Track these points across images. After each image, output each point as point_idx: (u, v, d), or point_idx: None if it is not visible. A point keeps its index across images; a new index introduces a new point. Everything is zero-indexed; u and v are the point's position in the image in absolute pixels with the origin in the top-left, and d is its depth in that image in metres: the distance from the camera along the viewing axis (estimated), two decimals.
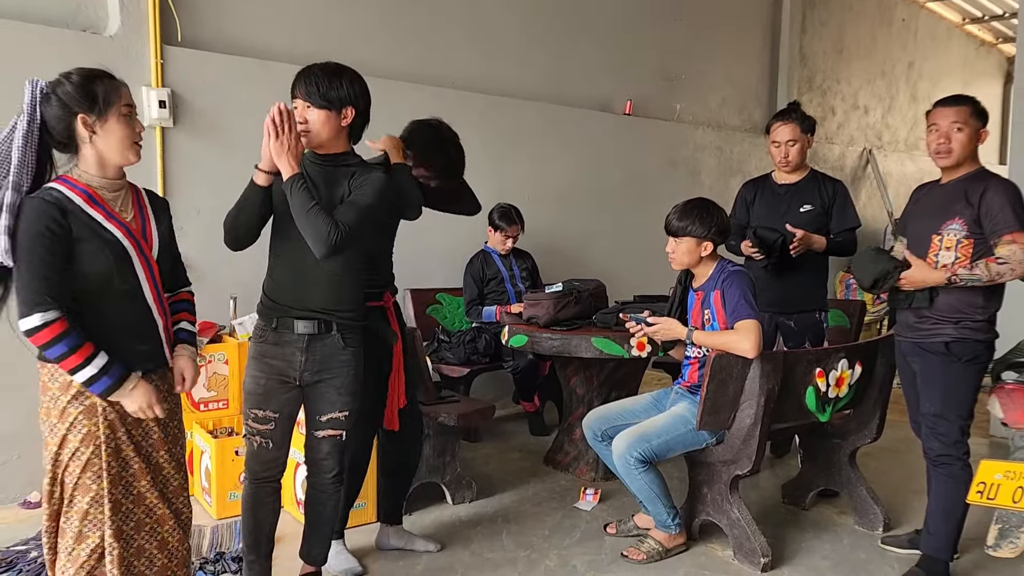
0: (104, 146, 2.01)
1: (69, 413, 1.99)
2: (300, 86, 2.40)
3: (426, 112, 4.86)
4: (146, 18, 3.79)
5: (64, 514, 2.01)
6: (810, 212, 3.72)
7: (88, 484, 1.99)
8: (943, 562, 2.89)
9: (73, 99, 1.97)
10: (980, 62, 10.61)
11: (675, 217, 3.11)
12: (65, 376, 1.97)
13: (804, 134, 3.71)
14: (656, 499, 3.08)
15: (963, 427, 2.84)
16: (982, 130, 2.83)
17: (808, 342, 3.72)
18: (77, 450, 1.99)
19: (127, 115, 2.04)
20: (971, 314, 2.80)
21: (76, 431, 1.99)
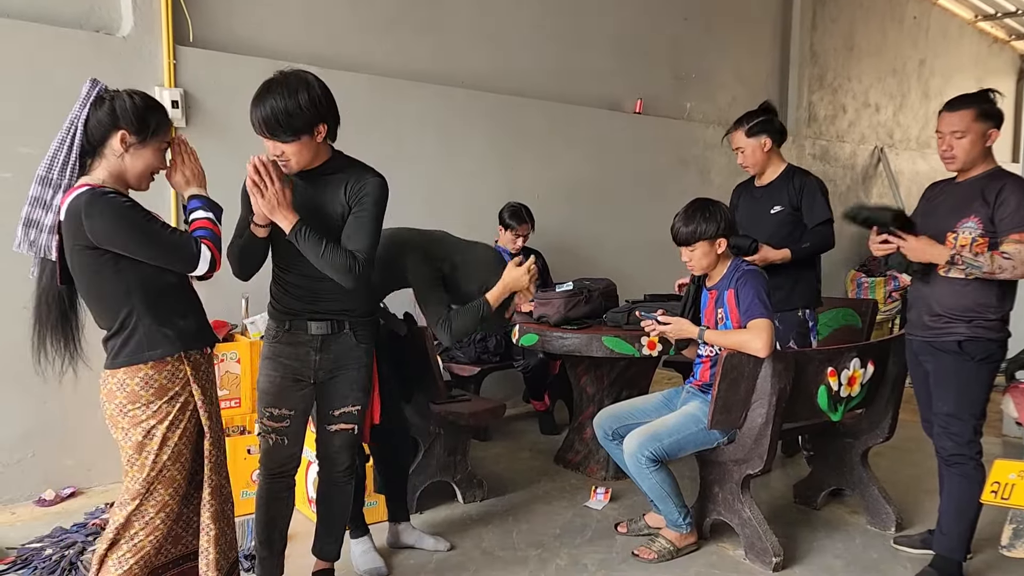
0: (130, 166, 2.07)
1: (166, 412, 2.05)
2: (261, 128, 2.32)
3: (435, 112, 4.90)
4: (158, 19, 3.81)
5: (140, 506, 2.06)
6: (779, 214, 3.67)
7: (174, 476, 2.08)
8: (956, 562, 2.88)
9: (127, 116, 2.03)
10: (992, 59, 10.54)
11: (681, 226, 3.08)
12: (161, 380, 2.04)
13: (751, 139, 3.65)
14: (667, 498, 3.08)
15: (976, 426, 2.83)
16: (991, 131, 2.81)
17: (792, 342, 3.68)
18: (176, 446, 2.06)
19: (163, 151, 2.14)
20: (984, 313, 2.78)
21: (175, 427, 2.06)
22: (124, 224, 1.97)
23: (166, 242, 2.02)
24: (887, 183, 8.79)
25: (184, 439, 2.08)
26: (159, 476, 2.06)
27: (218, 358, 3.70)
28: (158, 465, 2.05)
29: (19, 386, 3.55)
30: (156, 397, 2.03)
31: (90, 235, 1.96)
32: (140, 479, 2.05)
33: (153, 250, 2.01)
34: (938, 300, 2.86)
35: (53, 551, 3.02)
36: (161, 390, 2.04)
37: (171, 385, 2.05)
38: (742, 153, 3.71)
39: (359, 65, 4.54)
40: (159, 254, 2.02)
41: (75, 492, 3.72)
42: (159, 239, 2.02)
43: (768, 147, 3.67)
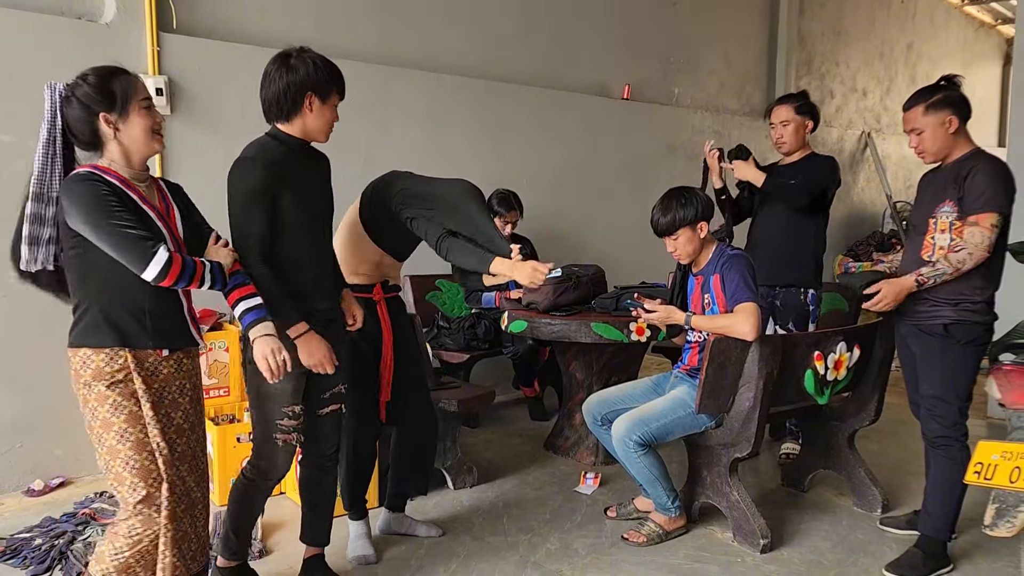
0: (128, 140, 2.08)
1: (108, 396, 2.05)
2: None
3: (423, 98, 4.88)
4: (141, 5, 3.77)
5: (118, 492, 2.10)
6: (796, 183, 3.73)
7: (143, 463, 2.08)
8: (941, 542, 2.92)
9: (93, 99, 2.03)
10: (979, 44, 10.58)
11: (660, 216, 3.09)
12: (98, 363, 2.04)
13: (799, 116, 3.76)
14: (656, 482, 3.10)
15: (962, 409, 2.86)
16: (948, 119, 2.82)
17: (793, 324, 3.72)
18: (125, 430, 2.06)
19: (147, 107, 2.11)
20: (970, 295, 2.81)
21: (119, 412, 2.05)
22: (88, 211, 1.97)
23: (119, 236, 1.98)
24: (874, 168, 8.83)
25: (133, 424, 2.06)
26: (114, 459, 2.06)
27: (207, 347, 3.70)
28: (107, 449, 2.06)
29: (6, 376, 3.53)
30: (94, 379, 2.04)
31: (65, 212, 2.00)
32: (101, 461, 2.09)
33: (105, 241, 1.99)
34: None
35: (43, 541, 3.01)
36: (98, 372, 2.04)
37: (108, 369, 2.05)
38: (783, 127, 3.80)
39: (345, 52, 4.51)
40: (110, 247, 1.99)
41: (64, 482, 3.71)
42: (113, 232, 1.98)
43: (809, 128, 3.82)
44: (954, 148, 2.87)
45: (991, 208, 2.72)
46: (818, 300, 3.84)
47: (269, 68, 2.40)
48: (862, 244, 8.27)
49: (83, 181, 2.00)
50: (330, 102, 2.43)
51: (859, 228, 8.62)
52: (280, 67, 2.37)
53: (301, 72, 2.35)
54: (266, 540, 3.11)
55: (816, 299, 3.82)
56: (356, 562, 2.97)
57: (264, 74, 2.41)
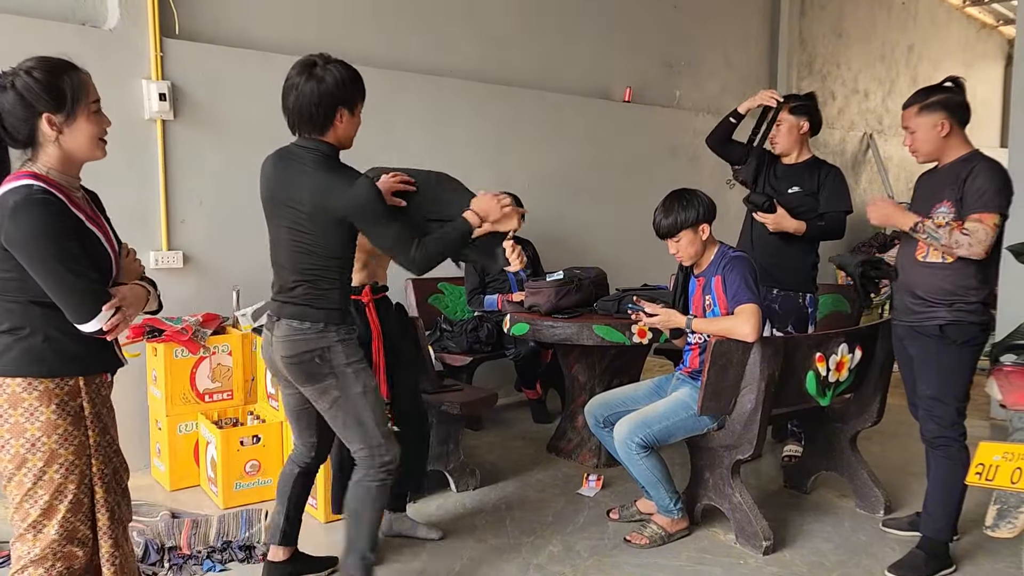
0: (71, 145, 1.88)
1: (58, 425, 1.86)
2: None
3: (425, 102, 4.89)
4: (145, 11, 3.79)
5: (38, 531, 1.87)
6: (796, 194, 3.78)
7: (71, 490, 1.89)
8: (943, 543, 2.92)
9: (38, 97, 1.81)
10: (980, 44, 10.58)
11: (662, 219, 3.11)
12: (46, 384, 1.85)
13: (792, 116, 3.77)
14: (658, 484, 3.11)
15: (959, 409, 2.87)
16: (941, 122, 2.83)
17: (791, 327, 3.73)
18: (71, 462, 1.88)
19: (96, 111, 1.91)
20: (965, 296, 2.81)
21: (68, 443, 1.87)
22: (37, 244, 1.78)
23: (73, 282, 1.81)
24: (876, 169, 8.83)
25: (78, 455, 1.89)
26: (51, 493, 1.85)
27: (210, 351, 3.71)
28: (51, 484, 1.85)
29: None
30: (40, 403, 1.84)
31: (4, 237, 1.78)
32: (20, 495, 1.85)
33: (54, 284, 1.81)
34: (920, 285, 2.89)
35: None
36: (45, 397, 1.84)
37: (57, 392, 1.86)
38: (777, 127, 3.80)
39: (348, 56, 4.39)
40: (57, 290, 1.81)
41: None
42: (61, 277, 1.80)
43: (804, 130, 3.81)
44: (947, 150, 2.87)
45: (993, 208, 2.73)
46: (815, 303, 3.85)
47: (294, 79, 2.35)
48: (864, 245, 8.26)
49: (35, 205, 1.77)
50: (358, 111, 2.47)
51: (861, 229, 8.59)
52: (307, 78, 2.33)
53: (329, 84, 2.33)
54: None
55: (814, 302, 3.83)
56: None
57: (289, 85, 2.36)
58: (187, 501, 3.55)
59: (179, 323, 3.65)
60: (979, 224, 2.71)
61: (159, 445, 3.75)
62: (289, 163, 2.41)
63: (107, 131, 1.98)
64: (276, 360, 2.48)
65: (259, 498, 3.49)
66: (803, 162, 3.83)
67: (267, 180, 2.47)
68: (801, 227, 3.70)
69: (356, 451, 2.54)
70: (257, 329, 3.76)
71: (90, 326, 1.84)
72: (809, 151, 3.87)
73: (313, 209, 2.34)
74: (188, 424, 3.69)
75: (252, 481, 3.50)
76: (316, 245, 2.39)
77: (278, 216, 2.44)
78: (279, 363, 2.47)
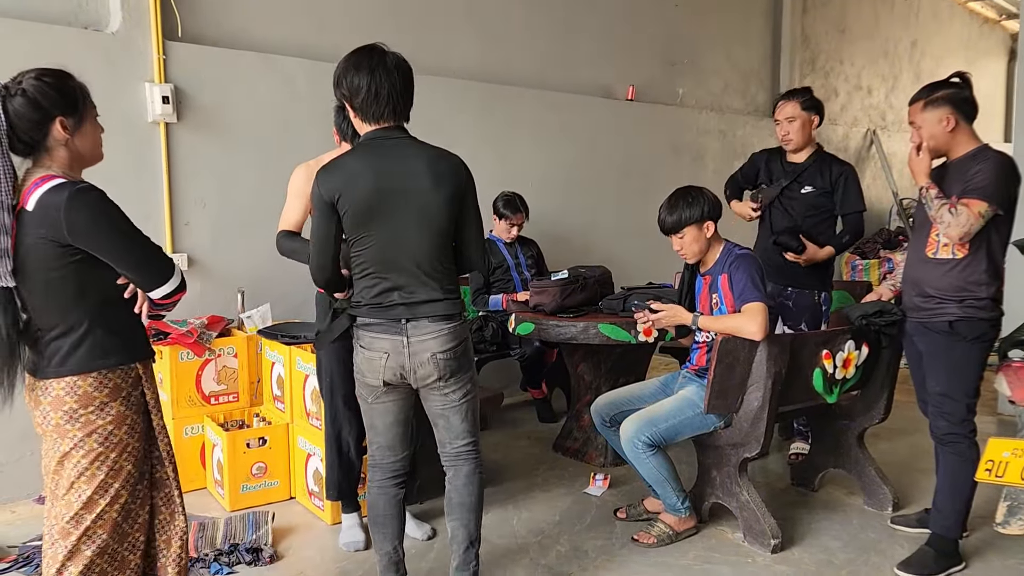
0: (82, 147, 1.96)
1: (126, 416, 1.96)
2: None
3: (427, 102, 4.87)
4: (147, 14, 3.79)
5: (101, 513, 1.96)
6: (809, 195, 3.78)
7: (133, 474, 2.00)
8: (952, 540, 2.91)
9: (54, 101, 1.88)
10: (983, 40, 10.54)
11: (666, 215, 3.11)
12: (116, 380, 1.94)
13: (805, 111, 3.75)
14: (665, 483, 3.10)
15: (969, 405, 2.85)
16: (946, 117, 2.82)
17: (804, 324, 3.73)
18: (135, 448, 1.99)
19: (96, 117, 2.01)
20: (974, 292, 2.80)
21: (134, 431, 1.98)
22: (108, 221, 1.89)
23: (148, 247, 1.96)
24: (880, 165, 8.81)
25: (140, 441, 2.01)
26: (121, 481, 1.96)
27: (215, 353, 3.71)
28: (120, 473, 1.95)
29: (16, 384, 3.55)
30: (111, 398, 1.93)
31: (67, 229, 1.83)
32: (91, 489, 1.93)
33: (132, 254, 1.92)
34: (929, 281, 2.88)
35: None
36: (115, 390, 1.94)
37: (124, 385, 1.96)
38: (789, 123, 3.78)
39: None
40: (136, 259, 1.93)
41: None
42: (141, 242, 1.95)
43: (815, 124, 3.80)
44: (954, 145, 2.86)
45: (982, 196, 2.70)
46: (830, 301, 3.85)
47: (388, 61, 2.31)
48: (869, 242, 8.24)
49: (87, 192, 1.87)
50: None
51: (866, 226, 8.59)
52: (397, 61, 2.33)
53: (406, 68, 2.36)
54: (276, 545, 3.12)
55: (828, 300, 3.83)
56: (347, 548, 3.07)
57: (383, 69, 2.29)
58: (193, 504, 3.52)
59: (184, 326, 3.66)
60: (964, 208, 2.70)
61: None
62: (399, 149, 2.33)
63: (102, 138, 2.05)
64: (422, 362, 2.36)
65: (265, 500, 3.50)
66: (812, 158, 3.81)
67: (379, 175, 2.29)
68: (831, 252, 3.74)
69: (465, 443, 2.54)
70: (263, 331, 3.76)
71: (167, 287, 1.97)
72: (815, 143, 3.87)
73: (451, 193, 2.33)
74: (194, 427, 3.69)
75: (259, 483, 3.50)
76: (448, 234, 2.36)
77: (404, 212, 2.30)
78: (428, 361, 2.34)
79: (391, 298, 2.34)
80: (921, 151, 2.87)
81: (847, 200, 3.77)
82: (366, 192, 2.27)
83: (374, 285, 2.35)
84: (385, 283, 2.34)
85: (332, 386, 3.06)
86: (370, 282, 2.35)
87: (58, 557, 1.94)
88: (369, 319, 2.37)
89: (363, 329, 2.39)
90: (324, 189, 2.29)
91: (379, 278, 2.34)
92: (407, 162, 2.31)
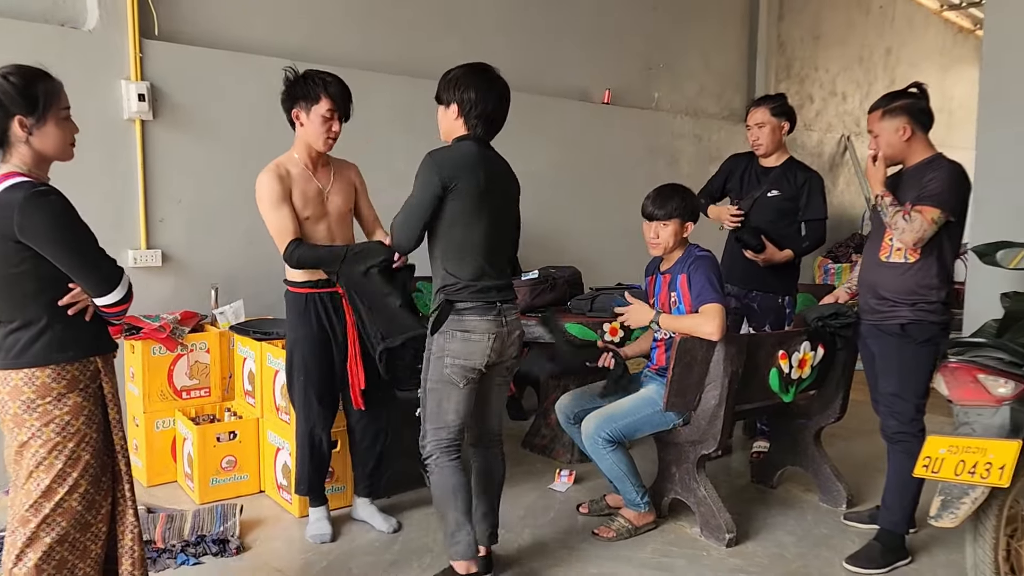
0: (41, 146, 2.00)
1: (83, 407, 2.02)
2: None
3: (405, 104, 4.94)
4: (124, 12, 3.83)
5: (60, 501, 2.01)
6: (776, 198, 3.88)
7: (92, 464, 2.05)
8: (899, 535, 3.01)
9: (12, 100, 1.93)
10: (957, 48, 10.70)
11: (658, 201, 3.17)
12: (71, 370, 2.00)
13: (775, 117, 3.84)
14: (624, 478, 3.18)
15: (918, 406, 2.96)
16: (902, 126, 2.94)
17: (768, 326, 3.83)
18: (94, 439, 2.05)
19: (65, 118, 2.04)
20: (926, 295, 2.91)
21: (92, 422, 2.04)
22: (58, 226, 1.93)
23: (94, 256, 1.99)
24: (854, 171, 8.94)
25: (98, 432, 2.06)
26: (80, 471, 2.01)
27: (188, 348, 3.76)
28: (79, 463, 2.01)
29: None
30: (68, 389, 2.00)
31: (18, 229, 1.89)
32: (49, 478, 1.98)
33: (77, 260, 1.97)
34: (882, 284, 2.99)
35: None
36: (73, 382, 2.01)
37: (82, 377, 2.02)
38: (759, 128, 3.88)
39: (326, 57, 4.56)
40: (81, 266, 1.97)
41: None
42: (89, 250, 1.99)
43: (785, 130, 3.90)
44: (910, 153, 2.97)
45: (936, 204, 2.82)
46: (794, 303, 3.95)
47: (508, 95, 2.85)
48: (841, 246, 8.38)
49: (43, 195, 1.92)
50: None
51: (839, 230, 8.71)
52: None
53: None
54: (244, 537, 3.17)
55: (792, 303, 3.93)
56: (314, 540, 3.15)
57: (506, 102, 2.85)
58: (164, 497, 3.60)
59: (157, 321, 3.70)
60: (918, 215, 2.82)
61: (136, 441, 3.79)
62: (496, 158, 2.75)
63: (75, 136, 2.09)
64: (511, 342, 2.67)
65: (235, 493, 3.55)
66: (782, 164, 3.92)
67: (487, 173, 2.64)
68: (789, 255, 3.84)
69: (496, 426, 2.88)
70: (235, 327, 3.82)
71: (111, 297, 2.01)
72: (787, 151, 3.97)
73: (518, 201, 2.81)
74: (166, 420, 3.74)
75: (228, 477, 3.55)
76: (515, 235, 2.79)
77: (500, 209, 2.68)
78: (511, 346, 2.67)
79: (484, 282, 2.59)
80: (876, 161, 2.98)
81: (810, 207, 3.86)
82: (479, 183, 2.58)
83: (469, 267, 2.58)
84: (480, 267, 2.58)
85: (305, 383, 3.12)
86: (467, 264, 2.58)
87: (17, 544, 1.99)
88: (470, 303, 2.56)
89: (466, 313, 2.56)
90: (445, 174, 2.53)
91: (477, 262, 2.59)
92: (502, 168, 2.75)
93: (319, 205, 3.08)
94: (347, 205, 3.18)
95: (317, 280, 3.05)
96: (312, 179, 3.07)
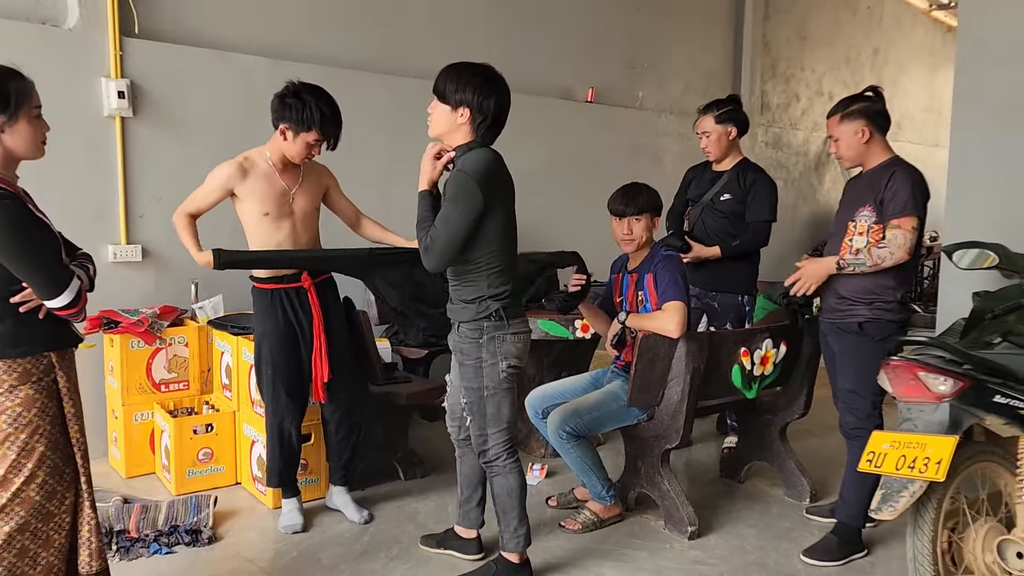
0: (11, 143, 2.04)
1: (36, 399, 2.05)
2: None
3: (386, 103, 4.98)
4: (104, 10, 3.88)
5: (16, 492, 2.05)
6: (727, 201, 3.94)
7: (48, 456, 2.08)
8: (856, 529, 3.09)
9: None
10: (946, 48, 10.71)
11: (628, 197, 3.26)
12: (25, 366, 2.04)
13: (720, 125, 3.90)
14: (590, 471, 3.25)
15: (875, 402, 3.03)
16: (861, 129, 3.01)
17: (729, 323, 3.90)
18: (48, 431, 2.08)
19: (37, 116, 2.08)
20: (883, 295, 2.98)
21: (45, 414, 2.07)
22: (10, 232, 1.97)
23: (42, 261, 2.03)
24: (839, 169, 9.00)
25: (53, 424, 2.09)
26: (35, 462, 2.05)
27: (166, 342, 3.83)
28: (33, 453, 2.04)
29: None
30: (20, 382, 2.03)
31: None
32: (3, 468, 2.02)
33: (24, 264, 2.00)
34: (843, 284, 3.06)
35: None
36: (24, 375, 2.04)
37: (35, 370, 2.06)
38: (706, 137, 3.93)
39: (307, 55, 4.62)
40: (28, 269, 2.01)
41: None
42: (36, 254, 2.02)
43: (732, 136, 3.92)
44: (869, 156, 3.04)
45: (910, 212, 2.90)
46: (753, 302, 4.01)
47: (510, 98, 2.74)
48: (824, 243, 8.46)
49: (4, 199, 1.97)
50: None
51: (824, 228, 8.77)
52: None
53: None
54: (218, 528, 3.24)
55: (751, 301, 3.99)
56: (286, 531, 3.22)
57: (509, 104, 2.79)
58: (141, 488, 3.66)
59: (136, 315, 3.76)
60: (897, 230, 2.89)
61: (115, 434, 3.86)
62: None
63: (46, 135, 2.13)
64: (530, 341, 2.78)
65: (211, 485, 3.62)
66: (733, 168, 3.97)
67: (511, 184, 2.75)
68: (716, 252, 3.88)
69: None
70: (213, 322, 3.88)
71: (59, 300, 2.04)
72: (740, 153, 4.01)
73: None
74: (144, 413, 3.81)
75: (204, 468, 3.62)
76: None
77: (513, 217, 2.74)
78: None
79: (510, 289, 2.66)
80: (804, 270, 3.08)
81: (754, 207, 3.90)
82: (512, 196, 2.73)
83: (510, 275, 2.67)
84: (507, 276, 2.66)
85: (274, 378, 3.19)
86: (502, 275, 2.64)
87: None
88: (515, 308, 2.69)
89: (515, 319, 2.66)
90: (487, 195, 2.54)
91: (512, 269, 2.69)
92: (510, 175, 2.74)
93: (283, 205, 3.14)
94: (313, 205, 3.24)
95: (282, 276, 3.13)
96: (278, 179, 3.13)
